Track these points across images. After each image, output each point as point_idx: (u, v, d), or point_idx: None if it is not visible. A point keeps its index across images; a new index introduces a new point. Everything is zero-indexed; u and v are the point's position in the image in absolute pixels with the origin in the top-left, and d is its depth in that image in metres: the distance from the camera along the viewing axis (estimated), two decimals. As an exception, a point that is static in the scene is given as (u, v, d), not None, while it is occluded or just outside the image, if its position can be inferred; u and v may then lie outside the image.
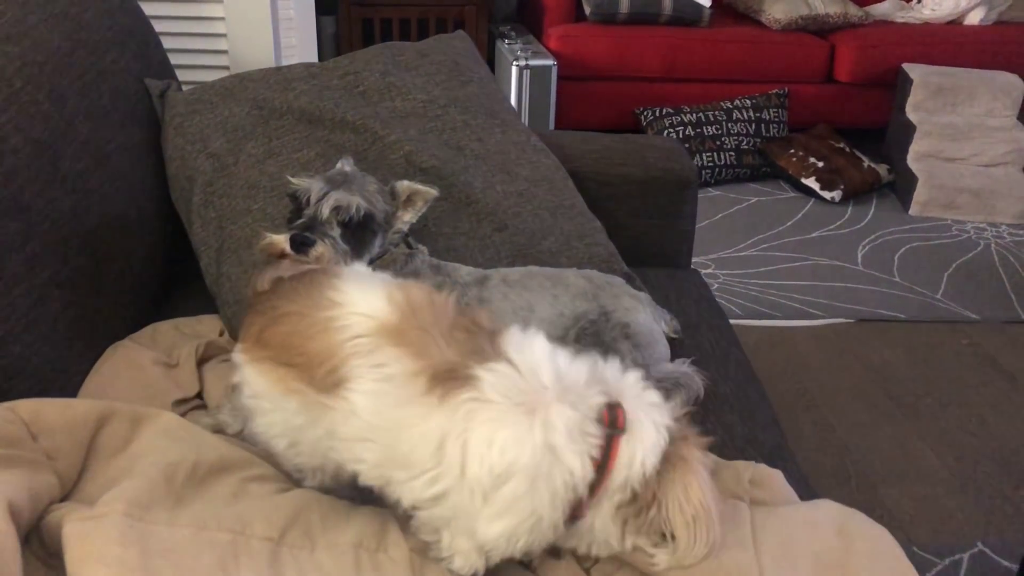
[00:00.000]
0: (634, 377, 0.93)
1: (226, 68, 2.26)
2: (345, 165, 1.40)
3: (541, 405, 0.84)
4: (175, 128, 1.59)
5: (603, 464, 0.85)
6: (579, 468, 0.84)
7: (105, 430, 0.93)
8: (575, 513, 0.87)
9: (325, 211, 1.29)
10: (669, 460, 0.88)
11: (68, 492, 0.88)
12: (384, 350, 0.85)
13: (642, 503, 0.87)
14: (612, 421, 0.86)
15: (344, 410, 0.86)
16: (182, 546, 0.77)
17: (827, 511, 1.07)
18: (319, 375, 0.87)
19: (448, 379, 0.83)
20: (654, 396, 0.92)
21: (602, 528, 0.90)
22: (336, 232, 1.29)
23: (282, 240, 1.27)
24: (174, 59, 1.85)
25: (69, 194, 1.31)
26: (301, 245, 1.26)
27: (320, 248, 1.26)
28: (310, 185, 1.30)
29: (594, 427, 0.86)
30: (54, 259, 1.26)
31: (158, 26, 1.78)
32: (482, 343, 0.87)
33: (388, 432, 0.85)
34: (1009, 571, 1.85)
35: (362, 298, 0.90)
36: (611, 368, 0.93)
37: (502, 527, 0.84)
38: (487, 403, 0.83)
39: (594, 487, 0.86)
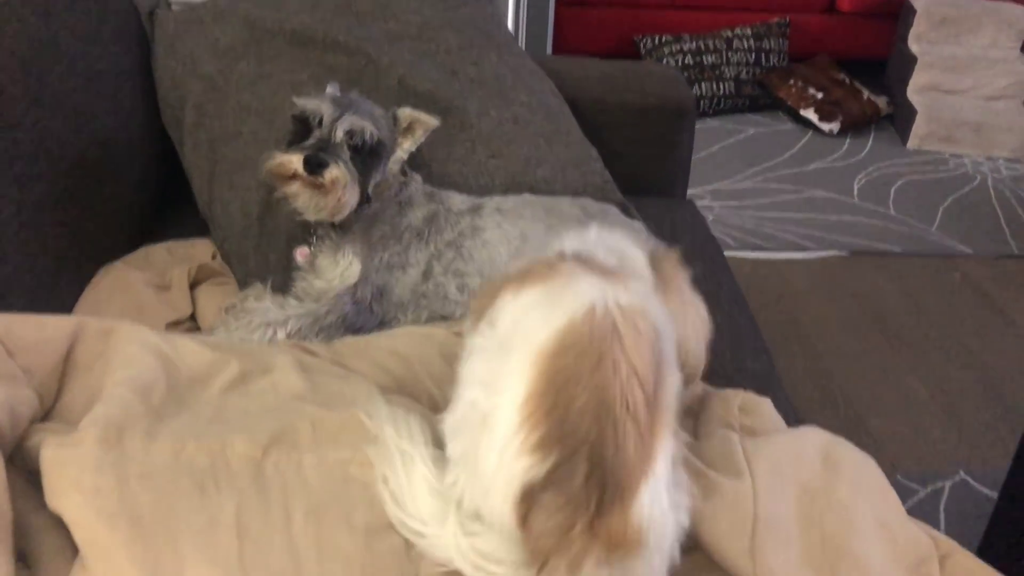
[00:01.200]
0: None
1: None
2: (334, 89, 1.37)
3: None
4: (165, 48, 1.56)
5: None
6: None
7: (79, 346, 0.91)
8: None
9: (339, 134, 1.26)
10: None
11: (48, 410, 0.88)
12: None
13: None
14: None
15: None
16: (159, 470, 0.76)
17: (814, 438, 1.08)
18: None
19: None
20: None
21: None
22: (347, 155, 1.28)
23: (295, 160, 1.25)
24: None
25: (57, 114, 1.29)
26: (317, 166, 1.24)
27: (335, 170, 1.24)
28: (320, 106, 1.28)
29: None
30: (43, 179, 1.25)
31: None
32: None
33: None
34: (989, 499, 1.89)
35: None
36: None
37: None
38: None
39: None
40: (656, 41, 3.84)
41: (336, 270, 1.35)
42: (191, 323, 1.35)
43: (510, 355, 0.79)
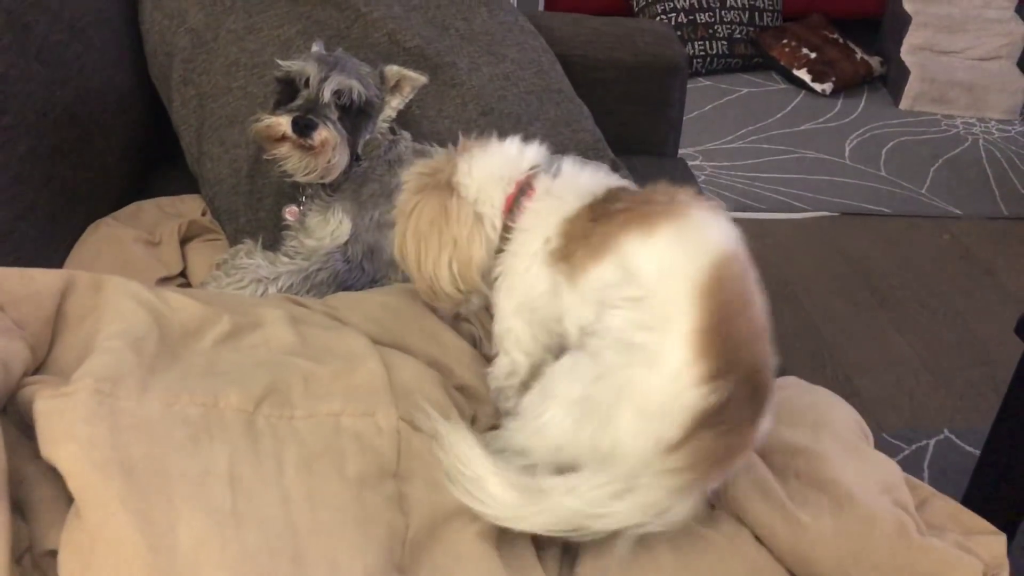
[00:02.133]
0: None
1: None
2: (319, 47, 1.36)
3: None
4: (152, 1, 1.54)
5: None
6: None
7: (69, 299, 0.91)
8: None
9: (327, 94, 1.26)
10: None
11: (41, 362, 0.88)
12: None
13: None
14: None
15: None
16: (153, 421, 0.77)
17: (793, 386, 1.12)
18: None
19: None
20: None
21: None
22: (335, 116, 1.27)
23: (284, 123, 1.24)
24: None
25: (44, 67, 1.28)
26: (306, 128, 1.24)
27: (324, 132, 1.24)
28: (305, 67, 1.27)
29: None
30: (31, 133, 1.24)
31: None
32: None
33: None
34: (972, 456, 1.92)
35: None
36: None
37: None
38: None
39: None
40: (649, -1, 3.80)
41: (327, 229, 1.35)
42: (182, 279, 1.35)
43: (666, 295, 0.86)
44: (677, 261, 0.87)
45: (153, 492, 0.71)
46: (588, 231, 0.93)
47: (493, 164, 1.03)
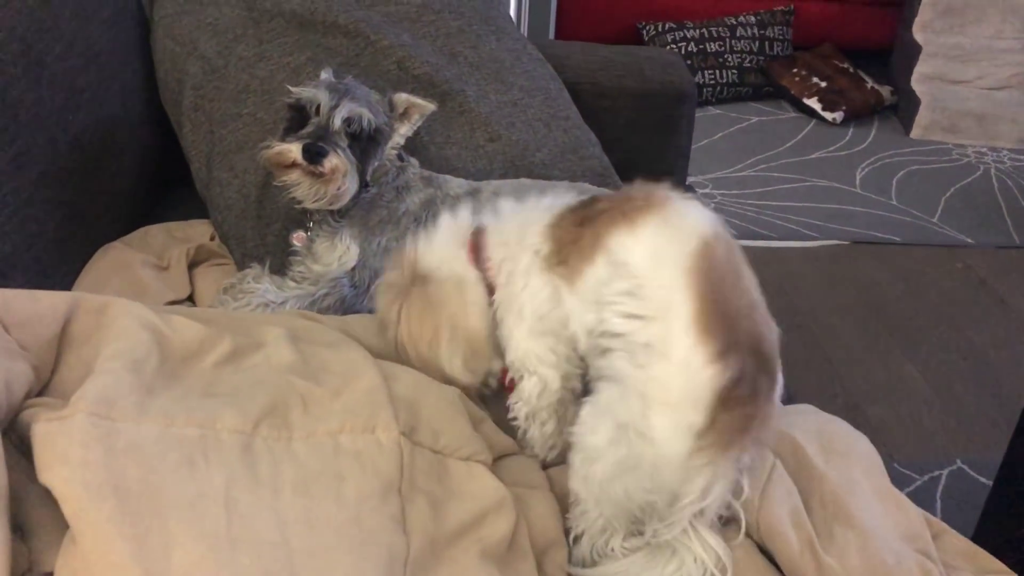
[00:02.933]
0: None
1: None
2: (328, 75, 1.37)
3: None
4: (164, 29, 1.56)
5: None
6: None
7: (74, 321, 0.92)
8: None
9: (337, 122, 1.26)
10: None
11: (45, 384, 0.88)
12: None
13: None
14: None
15: None
16: (148, 443, 0.76)
17: (810, 416, 1.11)
18: None
19: None
20: None
21: None
22: (345, 143, 1.28)
23: (295, 150, 1.25)
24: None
25: (56, 93, 1.30)
26: (316, 155, 1.24)
27: (334, 159, 1.25)
28: (316, 94, 1.28)
29: None
30: (42, 158, 1.25)
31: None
32: None
33: None
34: (985, 487, 1.89)
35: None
36: None
37: None
38: None
39: None
40: (659, 28, 3.83)
41: (334, 254, 1.35)
42: (189, 304, 1.35)
43: (661, 282, 0.88)
44: (665, 248, 0.89)
45: (147, 515, 0.71)
46: (576, 235, 0.95)
47: (442, 237, 1.07)
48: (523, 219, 1.02)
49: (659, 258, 0.89)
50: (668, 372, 0.86)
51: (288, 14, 1.55)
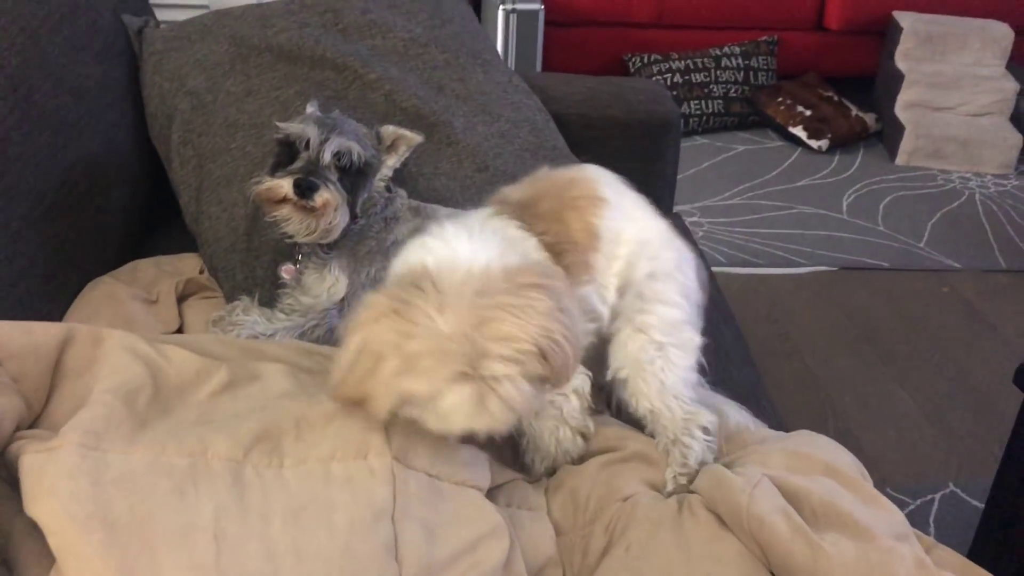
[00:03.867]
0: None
1: (206, 7, 2.23)
2: (315, 108, 1.38)
3: None
4: (153, 65, 1.57)
5: None
6: None
7: (68, 352, 0.92)
8: None
9: (327, 156, 1.27)
10: None
11: (37, 416, 0.88)
12: None
13: None
14: None
15: None
16: (137, 473, 0.76)
17: (806, 438, 1.12)
18: None
19: None
20: None
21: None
22: (335, 177, 1.29)
23: (285, 185, 1.25)
24: (153, -2, 1.83)
25: (45, 129, 1.30)
26: (307, 190, 1.25)
27: (325, 194, 1.25)
28: (305, 129, 1.29)
29: None
30: (31, 194, 1.26)
31: (136, -38, 1.75)
32: None
33: None
34: (978, 510, 1.89)
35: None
36: None
37: None
38: None
39: None
40: (645, 60, 3.87)
41: (323, 286, 1.35)
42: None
43: (655, 228, 1.20)
44: (638, 209, 1.19)
45: (135, 547, 0.71)
46: (563, 235, 1.07)
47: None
48: (500, 239, 1.00)
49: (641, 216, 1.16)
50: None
51: (276, 49, 1.56)
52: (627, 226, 1.15)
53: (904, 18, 3.79)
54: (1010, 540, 1.45)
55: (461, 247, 0.92)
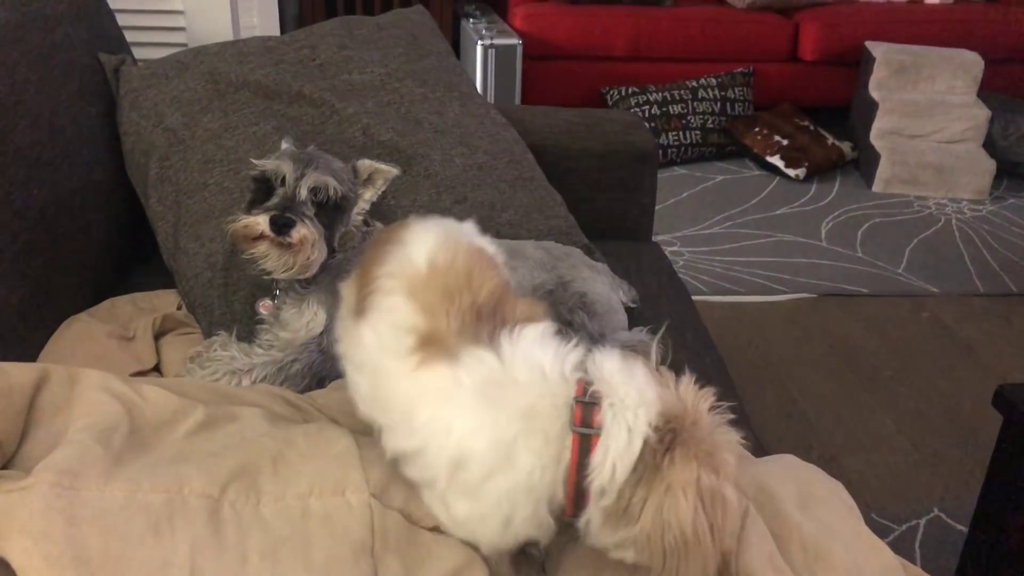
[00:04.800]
0: (623, 372, 0.84)
1: (184, 46, 2.24)
2: (289, 144, 1.38)
3: (508, 401, 0.81)
4: (130, 102, 1.57)
5: (581, 460, 0.80)
6: (537, 467, 0.80)
7: (43, 393, 0.91)
8: (567, 511, 0.83)
9: (303, 192, 1.27)
10: (652, 471, 0.79)
11: (10, 457, 0.87)
12: (397, 296, 0.87)
13: (621, 515, 0.81)
14: (585, 420, 0.80)
15: (356, 336, 0.89)
16: (112, 511, 0.75)
17: (789, 463, 1.11)
18: (360, 298, 0.91)
19: (433, 348, 0.83)
20: (645, 393, 0.82)
21: (596, 532, 0.83)
22: (312, 212, 1.28)
23: (262, 222, 1.25)
24: (131, 37, 1.83)
25: (21, 167, 1.30)
26: (284, 227, 1.25)
27: (302, 229, 1.25)
28: (280, 166, 1.29)
29: (558, 426, 0.81)
30: (6, 231, 1.25)
31: (115, 3, 1.76)
32: (484, 328, 0.85)
33: (375, 374, 0.87)
34: (963, 534, 1.89)
35: (416, 242, 0.92)
36: (604, 360, 0.85)
37: (467, 510, 0.84)
38: (458, 386, 0.81)
39: (576, 487, 0.81)
40: (623, 92, 3.91)
41: (301, 321, 1.35)
42: (155, 374, 1.34)
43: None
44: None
45: None
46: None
47: None
48: None
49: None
50: None
51: (253, 85, 1.57)
52: None
53: (876, 48, 3.86)
54: (994, 563, 1.45)
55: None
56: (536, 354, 0.84)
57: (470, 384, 0.81)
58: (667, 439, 0.79)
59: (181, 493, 0.79)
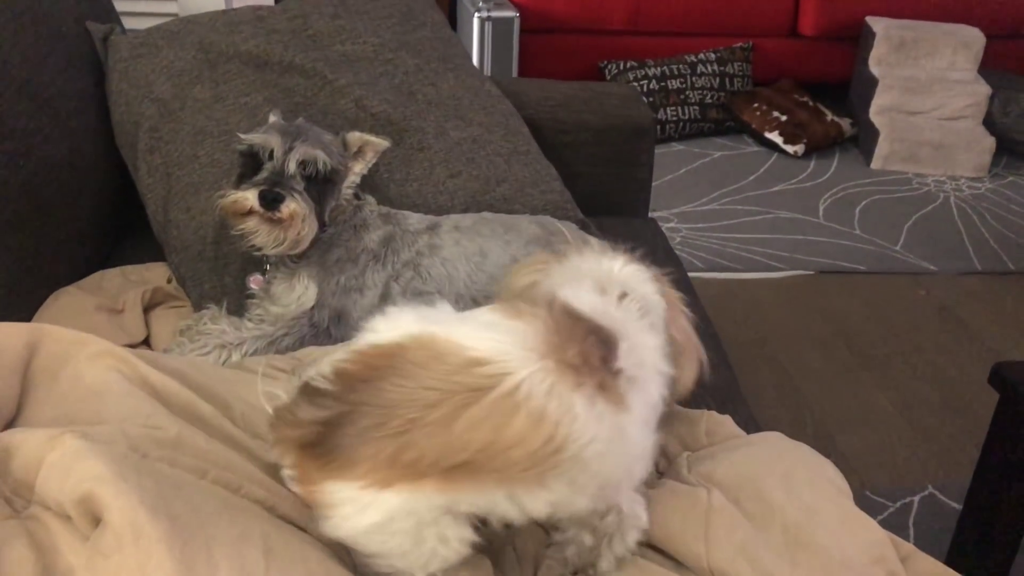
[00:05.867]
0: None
1: (174, 15, 2.20)
2: (277, 117, 1.36)
3: None
4: (119, 73, 1.55)
5: None
6: None
7: (40, 354, 0.90)
8: None
9: (292, 165, 1.25)
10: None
11: (10, 421, 0.86)
12: None
13: None
14: None
15: None
16: (189, 485, 0.78)
17: (774, 442, 1.10)
18: None
19: None
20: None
21: None
22: (301, 186, 1.27)
23: (250, 197, 1.23)
24: (120, 6, 1.80)
25: (5, 138, 1.27)
26: (273, 201, 1.23)
27: (292, 204, 1.24)
28: (268, 140, 1.27)
29: None
30: (-10, 203, 1.23)
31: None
32: None
33: None
34: (957, 512, 1.89)
35: None
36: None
37: None
38: None
39: None
40: (621, 67, 3.88)
41: (292, 295, 1.34)
42: (144, 347, 1.33)
43: None
44: None
45: (196, 542, 0.71)
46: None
47: None
48: None
49: None
50: None
51: (244, 55, 1.54)
52: None
53: (877, 23, 3.82)
54: (987, 541, 1.45)
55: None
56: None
57: None
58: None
59: (239, 493, 0.82)
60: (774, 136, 3.76)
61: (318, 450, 0.73)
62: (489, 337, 0.76)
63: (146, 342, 1.33)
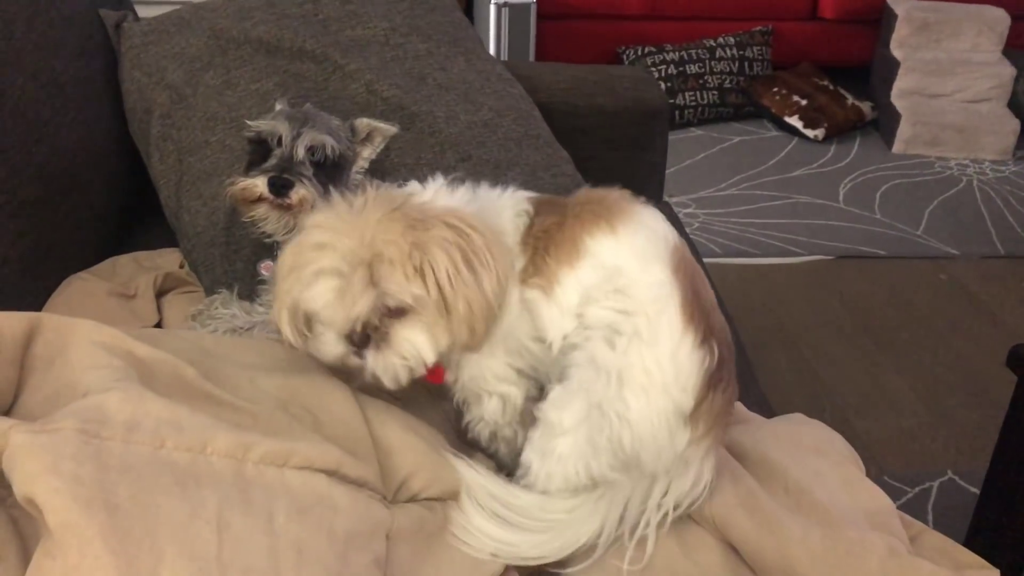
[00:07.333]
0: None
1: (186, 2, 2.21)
2: (284, 104, 1.36)
3: None
4: (131, 59, 1.56)
5: None
6: None
7: (38, 341, 0.90)
8: None
9: (300, 151, 1.25)
10: None
11: (7, 407, 0.86)
12: None
13: None
14: None
15: None
16: (139, 463, 0.75)
17: (793, 418, 1.11)
18: None
19: None
20: None
21: None
22: (310, 172, 1.27)
23: (260, 184, 1.24)
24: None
25: (18, 124, 1.29)
26: (282, 188, 1.23)
27: (301, 190, 1.23)
28: (276, 126, 1.27)
29: None
30: (4, 189, 1.24)
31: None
32: None
33: None
34: (976, 497, 1.87)
35: None
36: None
37: None
38: None
39: None
40: (639, 52, 3.85)
41: (302, 280, 1.34)
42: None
43: (650, 279, 0.92)
44: (648, 249, 0.94)
45: (138, 534, 0.70)
46: (548, 245, 0.96)
47: None
48: (480, 203, 1.01)
49: (645, 259, 0.93)
50: (657, 356, 0.90)
51: (255, 41, 1.54)
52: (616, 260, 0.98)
53: (898, 5, 3.77)
54: (1006, 526, 1.43)
55: (427, 190, 1.00)
56: None
57: None
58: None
59: (204, 452, 0.78)
60: (794, 120, 3.73)
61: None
62: None
63: (158, 327, 1.34)
